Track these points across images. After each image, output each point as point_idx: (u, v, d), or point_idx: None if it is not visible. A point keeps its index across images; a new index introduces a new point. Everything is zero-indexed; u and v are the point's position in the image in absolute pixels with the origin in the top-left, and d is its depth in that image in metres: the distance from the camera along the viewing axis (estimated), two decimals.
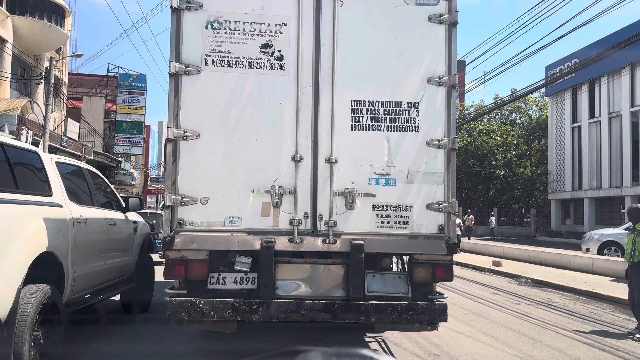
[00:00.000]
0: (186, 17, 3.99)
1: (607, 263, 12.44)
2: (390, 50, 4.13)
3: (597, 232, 16.43)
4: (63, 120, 25.45)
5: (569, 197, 32.79)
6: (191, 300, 3.88)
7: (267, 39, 4.05)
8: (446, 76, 4.13)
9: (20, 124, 17.09)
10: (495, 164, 36.84)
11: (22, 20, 22.21)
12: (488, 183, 39.07)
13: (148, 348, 5.11)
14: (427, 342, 5.48)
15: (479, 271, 13.83)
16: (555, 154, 34.41)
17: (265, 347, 5.07)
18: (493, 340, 5.90)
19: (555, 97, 34.32)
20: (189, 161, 3.95)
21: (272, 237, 3.95)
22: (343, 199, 4.05)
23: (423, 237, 4.10)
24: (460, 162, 37.68)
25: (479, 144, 36.94)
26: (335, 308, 3.95)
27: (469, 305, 8.12)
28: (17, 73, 22.78)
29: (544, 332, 6.37)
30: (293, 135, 4.03)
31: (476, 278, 12.12)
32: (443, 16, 4.14)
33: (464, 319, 6.99)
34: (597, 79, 29.20)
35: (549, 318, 7.34)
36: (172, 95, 3.95)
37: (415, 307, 4.00)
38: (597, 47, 24.46)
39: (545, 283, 11.12)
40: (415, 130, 4.12)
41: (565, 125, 33.03)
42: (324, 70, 4.07)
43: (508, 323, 6.86)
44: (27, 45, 22.68)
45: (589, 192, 30.33)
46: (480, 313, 7.54)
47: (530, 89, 21.30)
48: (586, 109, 30.91)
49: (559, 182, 33.86)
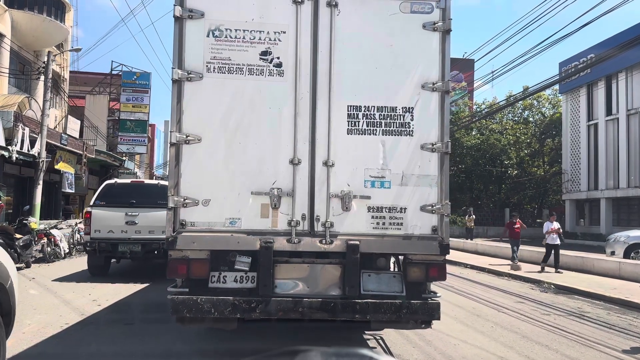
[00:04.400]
0: (188, 26, 4.33)
1: (635, 267, 12.15)
2: (385, 56, 4.45)
3: (623, 234, 16.05)
4: (63, 117, 25.88)
5: (584, 198, 32.86)
6: (193, 298, 4.22)
7: (266, 46, 4.38)
8: (440, 82, 4.44)
9: (17, 121, 17.28)
10: (507, 163, 36.99)
11: (21, 14, 22.50)
12: (499, 183, 39.23)
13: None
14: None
15: (496, 275, 13.64)
16: (570, 152, 34.48)
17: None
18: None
19: (569, 94, 34.40)
20: (191, 164, 4.29)
21: (271, 238, 4.28)
22: (339, 200, 4.37)
23: (417, 237, 4.42)
24: (471, 162, 37.92)
25: (491, 142, 37.14)
26: (332, 306, 4.27)
27: (494, 316, 7.72)
28: (16, 69, 23.16)
29: (586, 352, 5.83)
30: (291, 139, 4.36)
31: (495, 283, 11.84)
32: (437, 24, 4.45)
33: (492, 334, 6.49)
34: (614, 74, 29.25)
35: (586, 332, 6.84)
36: (175, 100, 4.29)
37: (409, 305, 4.32)
38: (614, 42, 24.56)
39: (571, 289, 10.78)
40: (409, 134, 4.43)
41: (581, 123, 33.10)
42: (322, 77, 4.40)
43: (542, 339, 6.33)
44: (26, 41, 23.03)
45: (605, 192, 30.39)
46: (508, 326, 7.02)
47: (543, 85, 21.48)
48: (603, 106, 30.96)
49: (574, 181, 33.94)
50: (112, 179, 12.20)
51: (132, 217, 10.05)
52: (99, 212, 10.15)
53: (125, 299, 8.17)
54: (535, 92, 30.16)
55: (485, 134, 38.54)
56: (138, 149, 34.29)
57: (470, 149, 37.82)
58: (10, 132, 17.00)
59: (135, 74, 33.62)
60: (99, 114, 31.33)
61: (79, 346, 5.37)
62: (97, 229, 10.02)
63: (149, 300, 8.06)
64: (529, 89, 30.36)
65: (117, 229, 10.02)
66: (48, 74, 18.50)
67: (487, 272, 14.35)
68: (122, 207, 10.14)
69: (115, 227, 10.03)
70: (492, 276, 13.60)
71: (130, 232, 10.04)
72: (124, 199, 10.31)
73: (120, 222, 10.06)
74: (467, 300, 9.11)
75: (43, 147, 17.75)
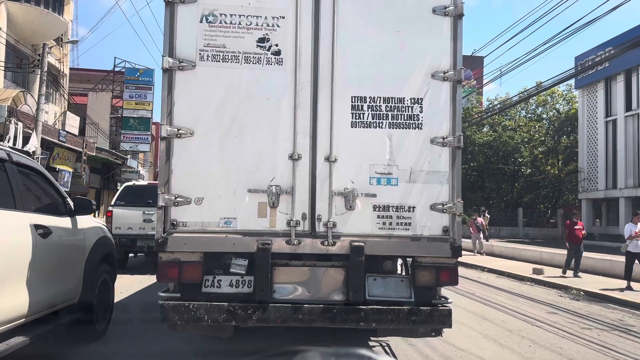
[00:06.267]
0: (180, 11, 4.14)
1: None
2: (392, 43, 4.23)
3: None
4: (62, 113, 25.86)
5: (601, 197, 32.47)
6: (185, 304, 4.03)
7: (264, 32, 4.18)
8: (451, 71, 4.22)
9: (11, 116, 17.16)
10: (520, 161, 36.64)
11: (17, 6, 22.49)
12: (512, 182, 38.90)
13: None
14: None
15: (518, 280, 13.18)
16: (586, 150, 34.07)
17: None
18: None
19: (586, 89, 33.96)
20: (182, 160, 4.10)
21: (268, 239, 4.08)
22: (343, 199, 4.16)
23: (426, 239, 4.20)
24: (483, 160, 37.64)
25: (504, 139, 36.82)
26: (334, 313, 4.07)
27: (529, 332, 6.94)
28: (14, 63, 23.14)
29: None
30: (291, 132, 4.16)
31: (519, 290, 11.37)
32: (448, 8, 4.23)
33: (533, 356, 5.73)
34: (634, 68, 28.80)
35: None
36: (166, 91, 4.10)
37: (418, 312, 4.11)
38: (635, 33, 24.17)
39: (604, 297, 10.24)
40: (418, 127, 4.22)
41: (598, 119, 32.68)
42: (324, 65, 4.18)
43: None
44: (23, 34, 23.04)
45: (625, 191, 29.98)
46: (548, 345, 6.25)
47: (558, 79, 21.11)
48: (622, 101, 30.54)
49: (591, 180, 33.54)
50: (131, 182, 13.71)
51: (148, 215, 11.15)
52: (119, 211, 11.45)
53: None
54: (549, 87, 29.84)
55: (498, 130, 38.21)
56: (141, 147, 34.32)
57: (483, 146, 37.55)
58: (3, 128, 16.88)
59: (139, 70, 33.58)
60: (101, 112, 31.32)
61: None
62: (118, 226, 11.23)
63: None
64: (541, 84, 30.02)
65: (135, 226, 11.27)
66: (43, 67, 18.39)
67: (506, 276, 13.96)
68: (140, 206, 11.37)
69: (134, 225, 11.28)
70: (514, 281, 13.13)
71: (147, 229, 11.10)
72: (142, 199, 11.51)
73: (138, 220, 11.29)
74: (493, 311, 8.57)
75: (38, 144, 17.63)
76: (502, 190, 39.74)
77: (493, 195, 40.04)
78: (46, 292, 4.35)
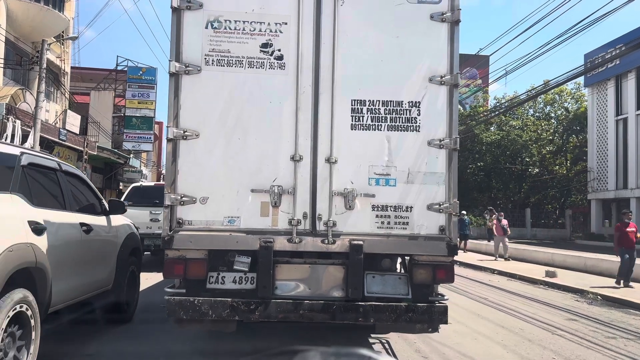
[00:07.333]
0: (186, 17, 4.41)
1: None
2: (391, 48, 4.49)
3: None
4: (62, 112, 26.14)
5: (612, 197, 32.58)
6: (190, 300, 4.30)
7: (267, 38, 4.45)
8: (448, 75, 4.48)
9: (9, 113, 17.39)
10: (528, 160, 36.78)
11: (17, 2, 22.59)
12: (520, 182, 39.02)
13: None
14: None
15: (530, 284, 12.99)
16: (596, 149, 34.19)
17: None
18: None
19: (595, 87, 34.08)
20: (188, 161, 4.38)
21: (270, 237, 4.35)
22: (342, 199, 4.43)
23: (423, 237, 4.46)
24: (491, 159, 37.78)
25: (512, 138, 36.95)
26: (334, 308, 4.33)
27: (550, 342, 6.60)
28: (14, 61, 23.41)
29: None
30: (292, 134, 4.42)
31: (533, 294, 11.17)
32: (445, 14, 4.48)
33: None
34: None
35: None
36: (172, 95, 4.37)
37: (415, 308, 4.37)
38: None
39: (623, 302, 9.97)
40: (416, 129, 4.48)
41: (609, 117, 32.80)
42: (324, 70, 4.44)
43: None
44: (23, 31, 23.23)
45: (636, 192, 30.08)
46: (574, 358, 5.95)
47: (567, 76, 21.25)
48: (633, 99, 30.65)
49: (601, 180, 33.65)
50: (138, 182, 14.28)
51: (155, 215, 11.58)
52: (127, 211, 11.52)
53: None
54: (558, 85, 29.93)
55: (506, 129, 38.35)
56: (144, 146, 34.68)
57: (490, 145, 37.69)
58: (1, 125, 17.11)
59: (141, 69, 33.92)
60: (103, 111, 31.63)
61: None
62: None
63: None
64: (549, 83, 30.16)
65: (142, 225, 11.33)
66: (42, 63, 18.59)
67: (518, 279, 13.87)
68: (147, 206, 11.80)
69: (141, 224, 11.31)
70: (526, 284, 12.95)
71: (154, 228, 11.51)
72: (149, 199, 12.00)
73: (145, 220, 11.61)
74: (510, 318, 8.24)
75: (36, 142, 17.83)
76: (510, 191, 39.88)
77: (500, 196, 40.18)
78: (89, 278, 5.37)
